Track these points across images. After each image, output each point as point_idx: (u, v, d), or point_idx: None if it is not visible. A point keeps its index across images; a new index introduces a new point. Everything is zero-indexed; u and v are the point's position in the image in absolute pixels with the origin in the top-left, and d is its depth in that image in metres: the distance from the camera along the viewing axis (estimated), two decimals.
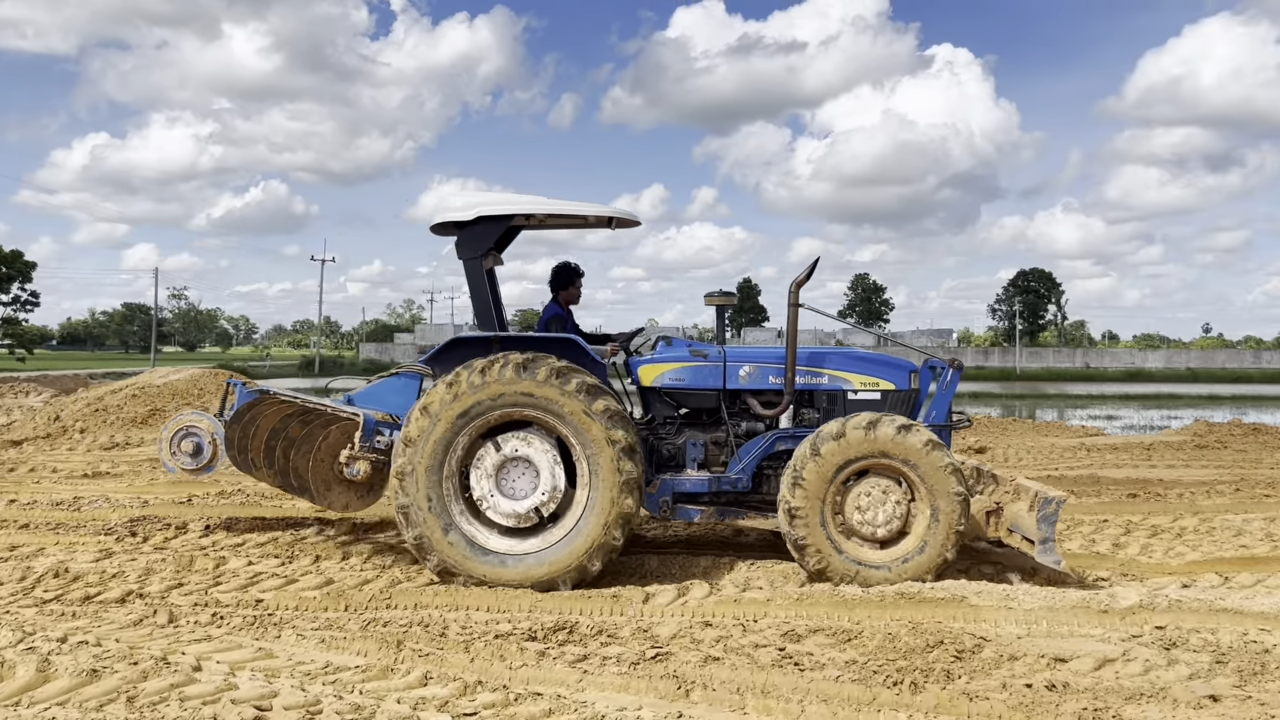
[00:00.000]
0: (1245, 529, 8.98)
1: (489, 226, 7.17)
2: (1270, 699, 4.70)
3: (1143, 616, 6.02)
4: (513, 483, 6.75)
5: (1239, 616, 6.03)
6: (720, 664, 5.19)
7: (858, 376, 7.53)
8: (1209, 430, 18.28)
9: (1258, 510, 9.99)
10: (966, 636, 5.57)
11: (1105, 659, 5.29)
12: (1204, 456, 15.05)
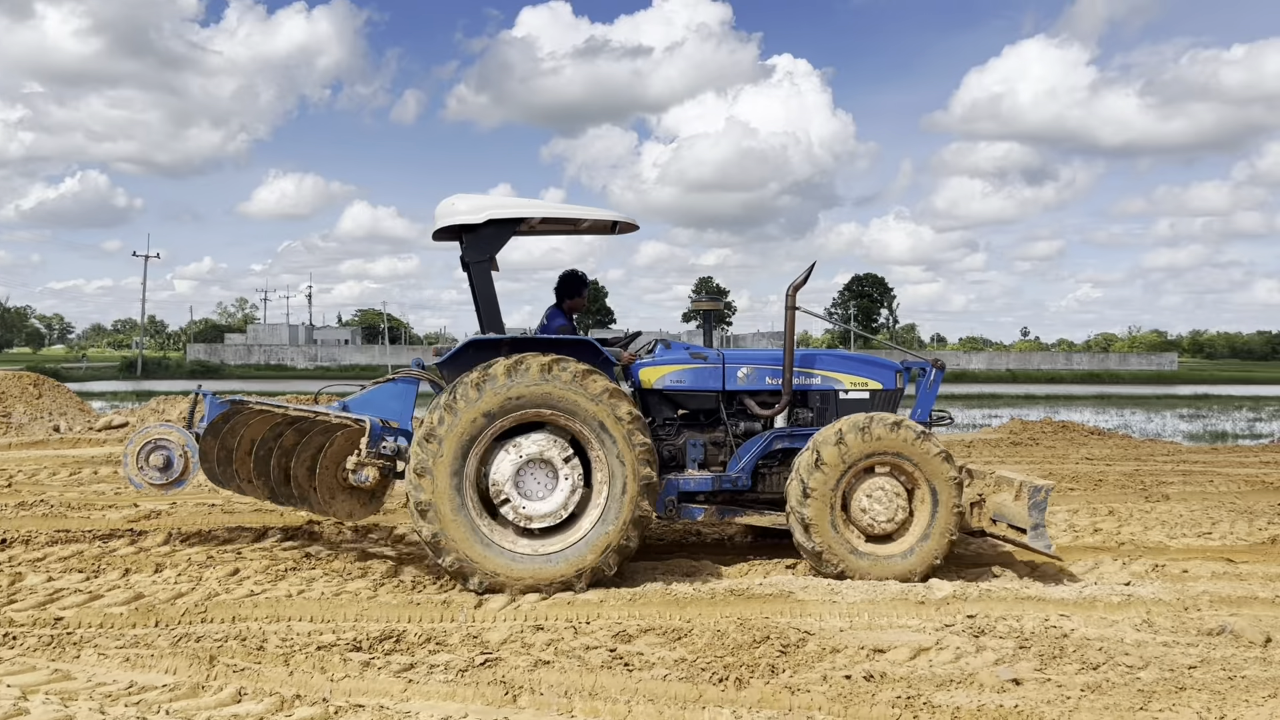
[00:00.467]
0: (1051, 520, 9.55)
1: (498, 230, 7.18)
2: (1066, 680, 5.00)
3: (956, 606, 6.31)
4: (530, 484, 6.76)
5: (1042, 603, 6.40)
6: (550, 667, 5.15)
7: (848, 377, 7.78)
8: (1023, 428, 19.41)
9: (1063, 503, 10.65)
10: (792, 631, 5.71)
11: (920, 648, 5.52)
12: (1018, 453, 15.97)
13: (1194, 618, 6.10)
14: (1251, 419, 32.99)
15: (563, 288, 8.27)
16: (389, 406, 7.51)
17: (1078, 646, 5.50)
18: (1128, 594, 6.57)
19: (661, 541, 8.52)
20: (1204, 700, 4.71)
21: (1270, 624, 5.95)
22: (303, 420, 7.29)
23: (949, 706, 4.63)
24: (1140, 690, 4.84)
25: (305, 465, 7.35)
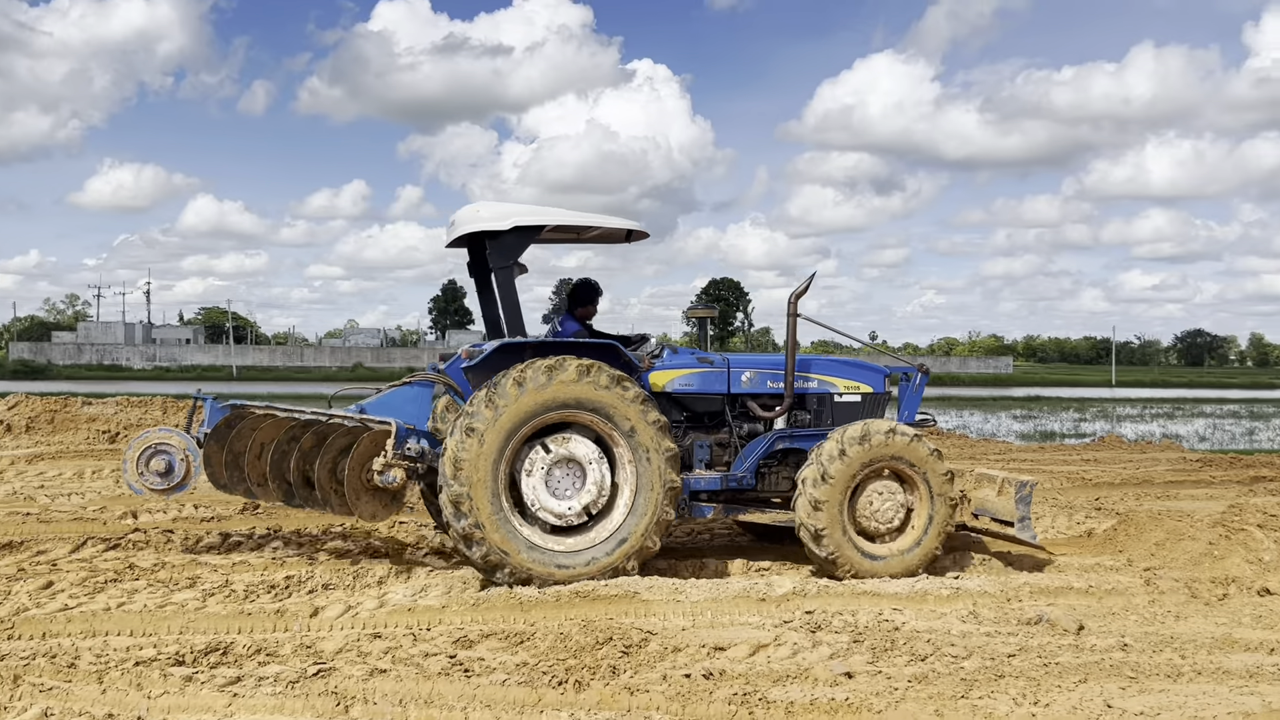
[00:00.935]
0: None
1: (521, 236, 7.36)
2: (895, 672, 5.17)
3: (796, 603, 6.46)
4: (558, 482, 6.96)
5: (876, 598, 6.62)
6: (386, 676, 5.01)
7: (842, 381, 8.14)
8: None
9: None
10: (635, 631, 5.71)
11: (759, 645, 5.61)
12: None
13: (1015, 608, 6.42)
14: (1077, 419, 35.09)
15: (576, 295, 8.48)
16: (405, 409, 7.56)
17: (908, 639, 5.69)
18: (956, 587, 6.86)
19: None
20: (1020, 687, 4.95)
21: (1084, 612, 6.31)
22: (317, 423, 7.30)
23: (784, 701, 4.73)
24: (963, 679, 5.04)
25: (327, 468, 7.22)
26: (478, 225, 7.40)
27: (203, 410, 7.73)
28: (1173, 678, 5.08)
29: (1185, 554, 8.01)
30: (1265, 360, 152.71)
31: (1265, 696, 4.72)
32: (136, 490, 7.53)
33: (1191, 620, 6.18)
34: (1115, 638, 5.74)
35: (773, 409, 7.90)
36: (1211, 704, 4.65)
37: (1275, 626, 6.00)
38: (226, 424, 7.45)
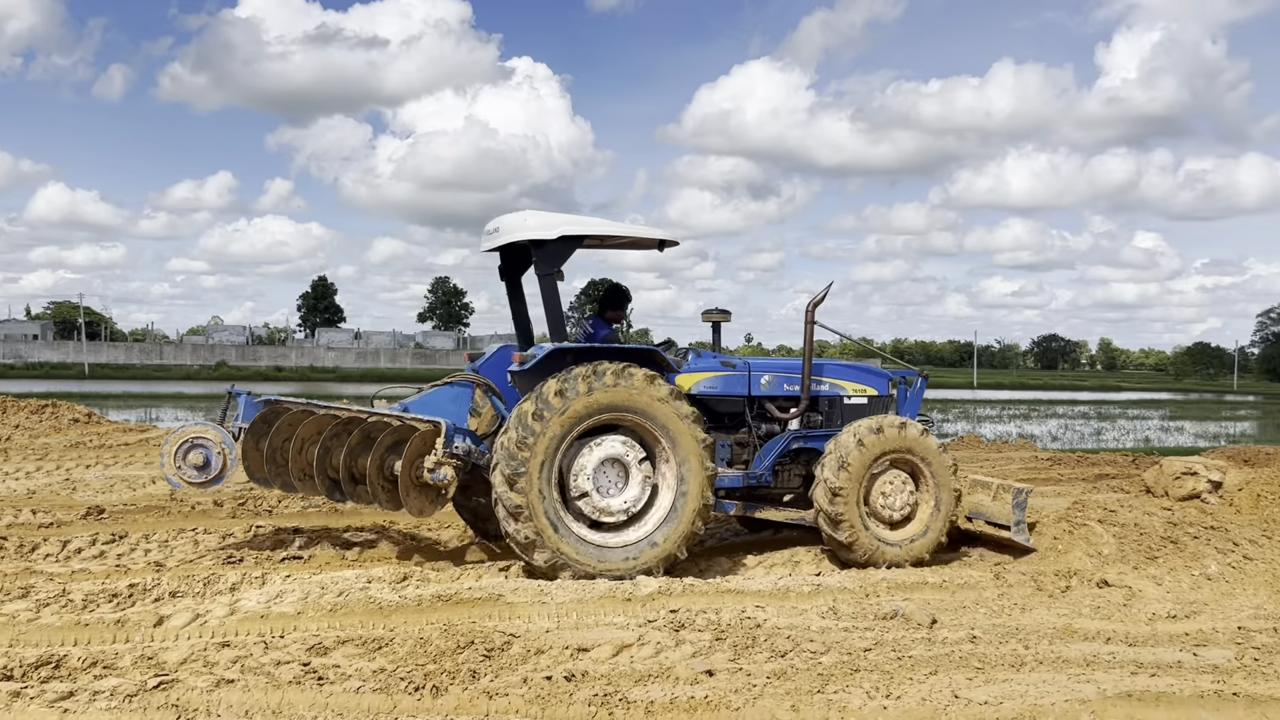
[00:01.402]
0: None
1: (566, 244, 7.63)
2: (755, 669, 5.24)
3: (661, 602, 6.48)
4: (604, 481, 7.28)
5: (740, 596, 6.69)
6: (233, 687, 4.79)
7: (851, 384, 8.74)
8: None
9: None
10: (498, 635, 5.63)
11: (623, 645, 5.60)
12: None
13: (872, 604, 6.58)
14: (940, 420, 36.38)
15: (607, 300, 8.98)
16: (446, 409, 7.80)
17: (769, 635, 5.77)
18: (817, 584, 7.00)
19: None
20: (874, 680, 5.07)
21: (938, 606, 6.52)
22: (358, 421, 7.51)
23: (644, 701, 4.72)
24: (820, 674, 5.14)
25: (376, 465, 7.35)
26: (525, 234, 7.60)
27: (236, 405, 7.91)
28: (1016, 667, 5.28)
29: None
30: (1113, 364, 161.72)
31: (1100, 684, 4.95)
32: (174, 483, 7.70)
33: (1036, 612, 6.45)
34: (965, 630, 5.95)
35: (789, 410, 8.41)
36: (1050, 692, 4.85)
37: (1112, 617, 6.31)
38: (263, 419, 7.59)
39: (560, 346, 7.47)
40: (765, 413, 8.43)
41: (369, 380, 63.46)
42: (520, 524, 6.94)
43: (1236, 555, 7.11)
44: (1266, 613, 6.38)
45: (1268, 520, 7.27)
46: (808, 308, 8.36)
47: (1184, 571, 7.11)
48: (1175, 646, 5.64)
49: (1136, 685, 4.89)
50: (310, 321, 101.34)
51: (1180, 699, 4.73)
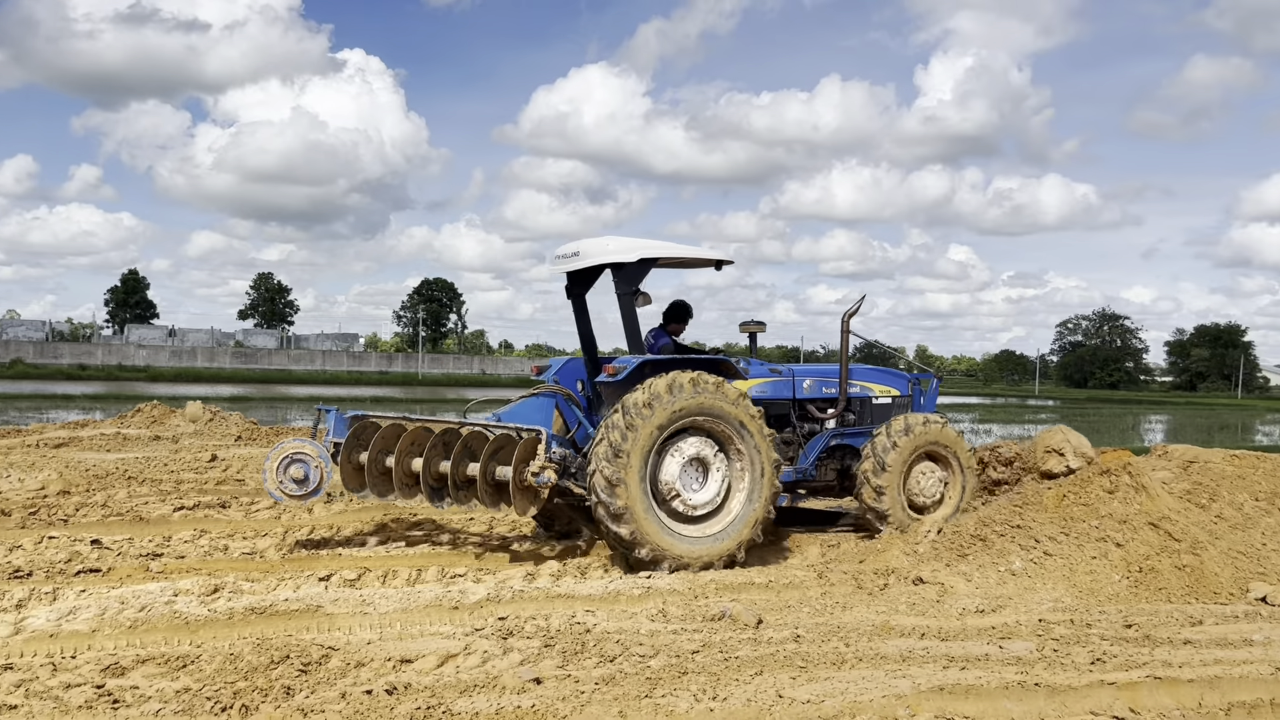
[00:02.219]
0: None
1: (643, 266, 8.43)
2: (584, 675, 5.17)
3: (489, 609, 6.34)
4: (687, 478, 8.02)
5: (570, 601, 6.63)
6: (15, 713, 4.39)
7: (878, 386, 9.89)
8: None
9: None
10: (315, 648, 5.37)
11: (448, 655, 5.44)
12: None
13: (701, 605, 6.63)
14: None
15: (671, 314, 9.62)
16: (534, 417, 8.57)
17: (598, 640, 5.72)
18: (648, 586, 7.01)
19: None
20: (702, 682, 5.09)
21: (764, 606, 6.63)
22: (452, 432, 8.12)
23: (469, 712, 4.59)
24: (648, 678, 5.12)
25: (484, 471, 7.79)
26: (607, 257, 8.46)
27: (326, 421, 8.47)
28: (838, 665, 5.41)
29: (854, 547, 8.66)
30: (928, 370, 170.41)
31: (915, 679, 5.12)
32: (276, 497, 8.18)
33: (856, 610, 6.65)
34: (790, 630, 6.06)
35: (826, 411, 9.48)
36: (870, 688, 4.99)
37: (926, 613, 6.57)
38: (355, 435, 8.20)
39: (649, 358, 8.30)
40: (807, 413, 9.50)
41: (184, 380, 60.23)
42: (621, 525, 7.58)
43: (1038, 552, 7.53)
44: (1064, 605, 6.79)
45: (1067, 519, 7.74)
46: (843, 317, 9.56)
47: (991, 568, 7.49)
48: (983, 640, 5.91)
49: (948, 679, 5.08)
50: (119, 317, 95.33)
51: (988, 691, 4.94)
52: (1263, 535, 7.85)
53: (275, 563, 7.74)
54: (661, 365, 8.18)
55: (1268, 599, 6.90)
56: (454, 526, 9.40)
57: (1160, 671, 5.22)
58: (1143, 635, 6.01)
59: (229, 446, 15.12)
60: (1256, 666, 5.27)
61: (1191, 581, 7.11)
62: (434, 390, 63.32)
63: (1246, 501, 8.25)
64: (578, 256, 8.67)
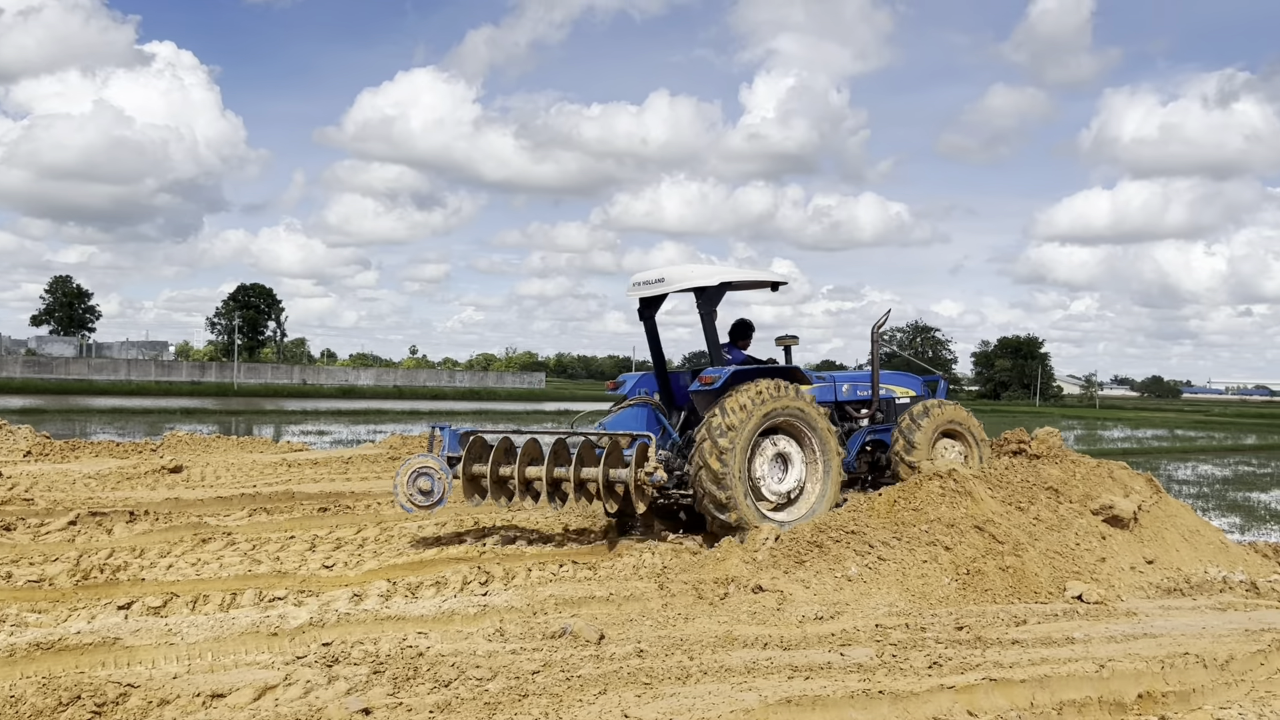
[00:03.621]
0: (419, 535, 9.59)
1: (722, 289, 9.88)
2: (417, 702, 4.83)
3: (312, 634, 5.91)
4: (773, 471, 9.49)
5: (401, 623, 6.25)
6: None
7: (899, 389, 11.64)
8: (402, 443, 19.66)
9: (432, 516, 10.79)
10: (112, 686, 4.81)
11: (266, 686, 4.99)
12: (394, 468, 16.05)
13: (541, 622, 6.38)
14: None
15: (736, 331, 10.97)
16: (633, 425, 9.95)
17: (432, 664, 5.38)
18: (484, 604, 6.70)
19: None
20: (544, 704, 4.83)
21: (605, 621, 6.44)
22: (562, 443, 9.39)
23: None
24: (487, 703, 4.83)
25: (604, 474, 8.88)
26: (692, 282, 9.80)
27: (441, 438, 9.37)
28: (682, 680, 5.26)
29: (693, 556, 8.59)
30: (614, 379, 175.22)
31: (761, 691, 5.03)
32: (407, 509, 9.03)
33: (698, 621, 6.54)
34: (633, 644, 5.88)
35: (861, 411, 11.09)
36: (716, 703, 4.85)
37: (767, 621, 6.53)
38: (471, 451, 9.22)
39: (739, 369, 9.62)
40: (845, 414, 10.98)
41: None
42: (728, 513, 8.97)
43: (872, 557, 7.64)
44: (899, 609, 6.89)
45: (899, 523, 7.89)
46: (873, 328, 11.17)
47: (828, 574, 7.54)
48: (824, 647, 5.89)
49: (794, 690, 5.01)
50: None
51: (833, 700, 4.89)
52: (1076, 536, 8.23)
53: (67, 590, 7.00)
54: (747, 375, 9.54)
55: (1083, 597, 7.21)
56: (271, 548, 8.79)
57: (994, 673, 5.31)
58: (974, 636, 6.13)
59: (16, 463, 13.82)
60: (1081, 665, 5.44)
61: (1014, 582, 7.35)
62: (251, 401, 60.41)
63: (1062, 504, 8.64)
64: (662, 282, 10.01)
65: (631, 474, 8.69)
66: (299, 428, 36.16)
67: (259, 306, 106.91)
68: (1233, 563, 8.78)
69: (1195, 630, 6.35)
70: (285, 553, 8.59)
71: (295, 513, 10.85)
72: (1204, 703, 5.09)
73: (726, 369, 9.57)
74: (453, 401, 72.68)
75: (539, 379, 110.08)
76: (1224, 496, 19.45)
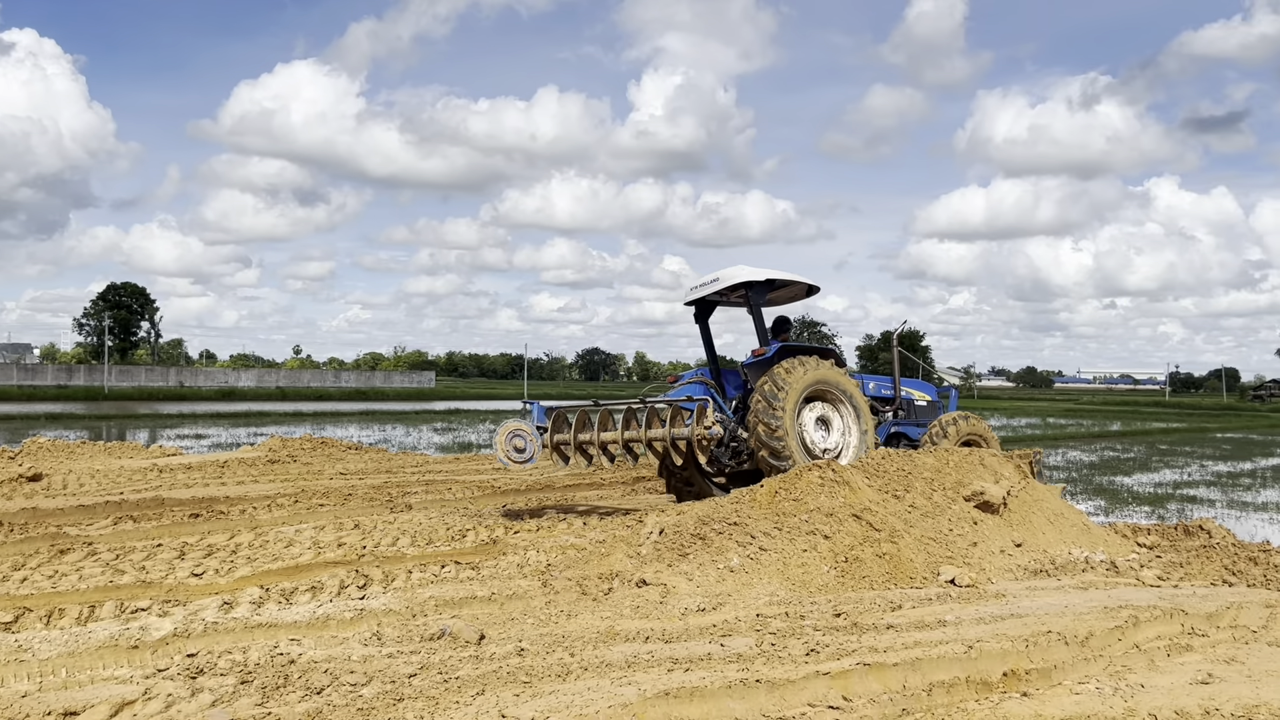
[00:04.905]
0: (296, 539, 9.31)
1: (769, 284, 11.98)
2: (286, 711, 4.67)
3: (176, 645, 5.66)
4: (817, 430, 11.41)
5: (273, 630, 6.04)
6: None
7: (917, 392, 13.47)
8: (283, 445, 19.11)
9: (311, 520, 10.50)
10: None
11: (124, 702, 4.76)
12: (273, 471, 15.58)
13: (419, 624, 6.25)
14: (491, 430, 37.05)
15: (776, 326, 12.54)
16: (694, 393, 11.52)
17: (304, 671, 5.22)
18: (361, 608, 6.53)
19: None
20: (419, 708, 4.73)
21: (486, 621, 6.35)
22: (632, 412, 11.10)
23: None
24: (360, 709, 4.70)
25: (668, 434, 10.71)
26: (743, 278, 11.75)
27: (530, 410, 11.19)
28: (563, 677, 5.22)
29: (578, 552, 8.55)
30: (647, 375, 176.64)
31: (640, 685, 5.02)
32: (504, 463, 10.65)
33: (582, 617, 6.51)
34: (513, 643, 5.81)
35: (885, 407, 12.93)
36: (595, 699, 4.83)
37: (650, 615, 6.53)
38: (555, 423, 11.05)
39: (785, 345, 11.76)
40: (872, 407, 12.26)
41: None
42: (784, 461, 10.61)
43: (754, 547, 7.72)
44: (779, 599, 6.98)
45: (780, 514, 8.00)
46: (893, 337, 13.92)
47: (711, 566, 7.59)
48: (705, 639, 5.93)
49: (673, 682, 5.02)
50: None
51: (712, 691, 4.92)
52: (949, 522, 8.49)
53: None
54: (791, 351, 11.62)
55: (955, 580, 7.43)
56: (136, 557, 8.41)
57: (868, 658, 5.42)
58: (850, 623, 6.26)
59: None
60: (951, 646, 5.60)
61: (891, 568, 7.53)
62: (123, 405, 57.88)
63: (936, 491, 8.90)
64: (717, 281, 11.79)
65: (693, 430, 10.43)
66: (175, 431, 34.77)
67: (131, 306, 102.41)
68: (1094, 544, 9.18)
69: (1058, 609, 6.60)
70: (151, 561, 8.23)
71: (165, 520, 10.41)
72: (1064, 678, 5.29)
73: (776, 344, 11.70)
74: (338, 402, 70.97)
75: (429, 378, 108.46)
76: (1090, 481, 20.36)
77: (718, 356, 13.17)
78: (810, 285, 12.46)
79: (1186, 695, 4.95)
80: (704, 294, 12.09)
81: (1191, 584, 7.80)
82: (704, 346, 13.04)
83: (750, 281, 11.79)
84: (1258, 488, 19.85)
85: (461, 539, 9.64)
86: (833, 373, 11.41)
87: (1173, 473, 22.89)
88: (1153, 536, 9.84)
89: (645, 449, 10.93)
